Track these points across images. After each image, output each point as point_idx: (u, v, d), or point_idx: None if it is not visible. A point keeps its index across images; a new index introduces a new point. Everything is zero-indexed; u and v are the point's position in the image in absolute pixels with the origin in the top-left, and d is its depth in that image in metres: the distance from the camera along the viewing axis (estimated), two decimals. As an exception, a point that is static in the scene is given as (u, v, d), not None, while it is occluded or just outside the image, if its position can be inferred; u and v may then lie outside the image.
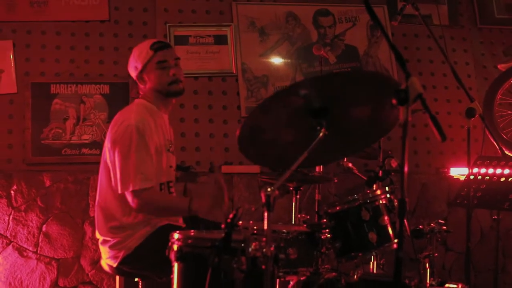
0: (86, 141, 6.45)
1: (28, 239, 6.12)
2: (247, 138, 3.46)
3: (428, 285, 3.89)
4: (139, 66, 4.42)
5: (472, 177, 5.35)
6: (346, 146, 3.83)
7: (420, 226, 4.13)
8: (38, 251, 6.14)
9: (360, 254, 3.87)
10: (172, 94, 4.50)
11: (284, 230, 3.64)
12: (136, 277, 4.38)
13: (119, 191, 4.16)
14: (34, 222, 6.15)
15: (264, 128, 3.46)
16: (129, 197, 4.13)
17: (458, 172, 6.93)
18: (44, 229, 6.17)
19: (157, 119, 4.41)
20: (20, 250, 6.11)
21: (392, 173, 4.30)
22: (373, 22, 3.22)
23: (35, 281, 6.10)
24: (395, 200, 3.93)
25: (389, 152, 5.09)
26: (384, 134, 3.82)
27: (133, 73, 4.49)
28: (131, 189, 4.09)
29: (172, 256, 3.26)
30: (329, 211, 3.92)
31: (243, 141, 3.47)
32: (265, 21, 7.11)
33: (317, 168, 5.35)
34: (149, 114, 4.36)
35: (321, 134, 3.28)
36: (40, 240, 6.15)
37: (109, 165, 4.28)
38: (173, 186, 4.56)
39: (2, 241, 6.10)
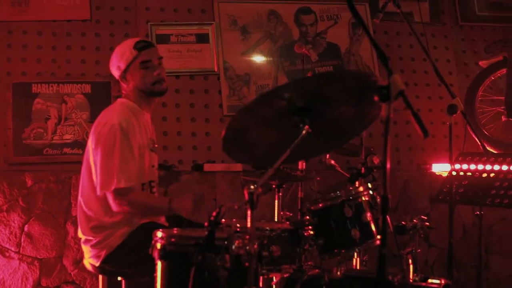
0: (68, 141, 6.43)
1: (10, 239, 6.10)
2: (231, 139, 3.46)
3: (411, 281, 3.91)
4: (122, 66, 4.40)
5: (454, 173, 5.37)
6: (329, 142, 3.85)
7: (403, 223, 4.14)
8: (21, 251, 6.12)
9: (343, 250, 3.89)
10: (156, 93, 4.50)
11: (267, 228, 3.64)
12: (119, 276, 4.37)
13: (98, 192, 4.16)
14: (16, 222, 6.13)
15: (248, 128, 3.47)
16: (110, 197, 4.13)
17: (440, 168, 6.96)
18: (26, 229, 6.14)
19: (140, 119, 4.41)
20: (2, 251, 6.08)
21: (375, 170, 4.31)
22: (355, 19, 3.23)
23: (17, 281, 6.08)
24: (378, 197, 3.95)
25: (371, 149, 5.10)
26: (366, 127, 3.82)
27: (116, 73, 4.47)
28: (112, 188, 4.09)
29: (156, 254, 3.26)
30: (312, 208, 3.93)
31: (227, 143, 3.47)
32: (247, 20, 7.11)
33: (299, 166, 5.35)
34: (132, 113, 4.36)
35: (304, 132, 3.29)
36: (22, 240, 6.13)
37: (92, 165, 4.27)
38: (155, 186, 4.55)
39: (-16, 242, 6.09)
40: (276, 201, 4.96)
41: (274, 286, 3.88)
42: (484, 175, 5.37)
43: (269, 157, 3.31)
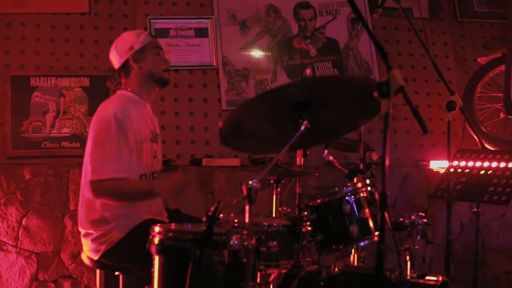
0: (66, 134, 6.43)
1: (7, 233, 6.09)
2: (229, 131, 3.45)
3: (408, 277, 3.90)
4: (137, 46, 4.41)
5: (452, 170, 5.37)
6: (327, 134, 3.85)
7: (401, 219, 4.14)
8: (18, 245, 6.10)
9: (341, 247, 3.89)
10: (164, 81, 4.54)
11: (265, 223, 3.64)
12: (117, 271, 4.36)
13: (89, 178, 4.13)
14: (13, 215, 6.11)
15: (246, 120, 3.46)
16: (91, 186, 4.11)
17: (438, 165, 6.96)
18: (24, 222, 6.13)
19: (140, 109, 4.39)
20: (0, 244, 6.07)
21: (373, 166, 4.31)
22: (354, 14, 3.22)
23: (15, 275, 6.07)
24: (376, 193, 3.94)
25: (370, 145, 5.10)
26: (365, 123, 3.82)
27: (125, 54, 4.43)
28: (94, 178, 4.07)
29: (153, 249, 3.25)
30: (310, 204, 3.92)
31: (225, 136, 3.46)
32: (245, 14, 7.11)
33: (297, 162, 5.35)
34: (131, 104, 4.33)
35: (302, 127, 3.28)
36: (20, 234, 6.11)
37: None
38: (155, 178, 4.51)
39: (-19, 235, 6.08)
40: (274, 197, 4.96)
41: (271, 282, 3.87)
42: (482, 172, 5.38)
43: (267, 149, 3.31)
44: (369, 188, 3.96)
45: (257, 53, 7.08)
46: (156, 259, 3.25)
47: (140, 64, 4.42)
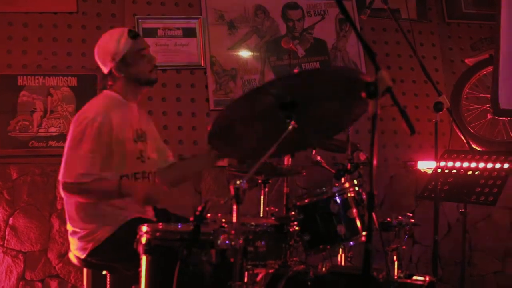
0: (54, 134, 6.40)
1: (-6, 232, 6.09)
2: (217, 134, 3.45)
3: (396, 277, 3.91)
4: (118, 56, 4.33)
5: (439, 170, 5.39)
6: (315, 136, 3.85)
7: (388, 219, 4.14)
8: (5, 244, 6.09)
9: (328, 246, 3.89)
10: (152, 81, 4.47)
11: (253, 223, 3.64)
12: (104, 270, 4.34)
13: (60, 178, 4.12)
14: (0, 215, 6.10)
15: (234, 122, 3.46)
16: (60, 186, 4.11)
17: (426, 165, 6.98)
18: (10, 222, 6.12)
19: (123, 110, 4.36)
20: (-14, 243, 6.07)
21: (361, 166, 4.31)
22: (343, 15, 3.23)
23: (1, 275, 6.05)
24: (364, 193, 3.95)
25: (358, 146, 5.11)
26: (352, 123, 3.83)
27: (109, 64, 4.37)
28: (63, 180, 4.08)
29: (140, 248, 3.25)
30: (298, 203, 3.93)
31: (213, 138, 3.46)
32: (234, 14, 7.10)
33: (285, 161, 5.35)
34: (114, 106, 4.30)
35: (290, 127, 3.28)
36: (6, 233, 6.10)
37: None
38: (142, 177, 4.45)
39: (-32, 234, 6.06)
40: (262, 197, 4.96)
41: (259, 281, 3.87)
42: (469, 172, 5.41)
43: (256, 151, 3.31)
44: (356, 188, 3.97)
45: (245, 53, 7.08)
46: (144, 259, 3.25)
47: (125, 72, 4.39)
